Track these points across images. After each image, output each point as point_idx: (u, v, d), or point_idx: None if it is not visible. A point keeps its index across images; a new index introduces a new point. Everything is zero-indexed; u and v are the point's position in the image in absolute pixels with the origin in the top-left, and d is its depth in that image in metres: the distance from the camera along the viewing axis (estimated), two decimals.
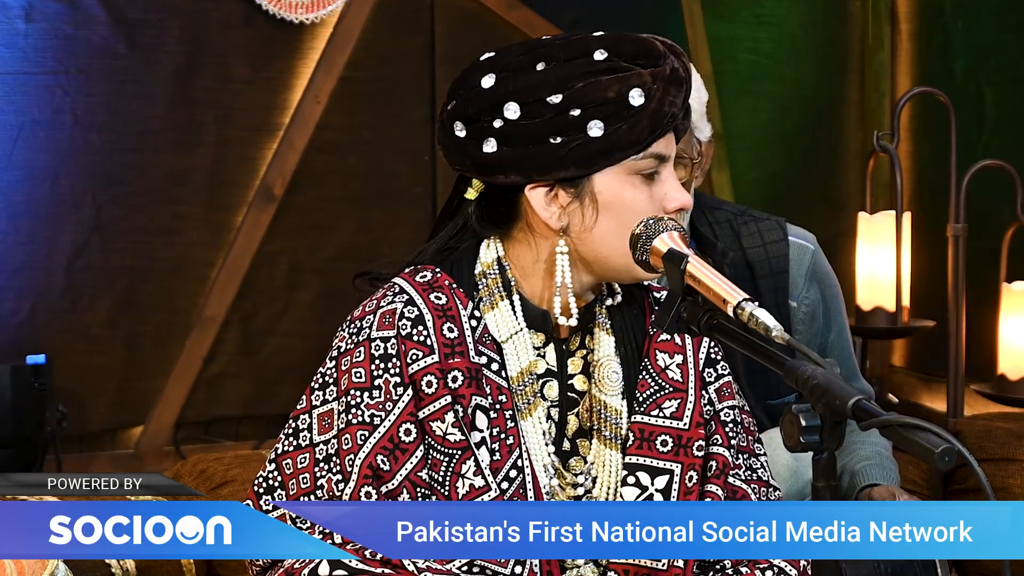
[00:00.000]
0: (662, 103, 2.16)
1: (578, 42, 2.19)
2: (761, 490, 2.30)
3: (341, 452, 2.15)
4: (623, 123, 2.15)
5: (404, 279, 2.23)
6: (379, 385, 2.16)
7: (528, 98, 2.17)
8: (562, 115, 2.16)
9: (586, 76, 2.16)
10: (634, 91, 2.15)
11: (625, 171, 2.17)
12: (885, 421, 1.74)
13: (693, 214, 2.93)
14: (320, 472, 2.17)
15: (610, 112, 2.15)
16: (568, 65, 2.17)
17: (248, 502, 2.22)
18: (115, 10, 4.63)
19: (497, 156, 2.19)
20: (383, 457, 2.13)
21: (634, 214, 2.16)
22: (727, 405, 2.30)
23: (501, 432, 2.19)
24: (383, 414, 2.15)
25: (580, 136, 2.15)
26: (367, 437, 2.14)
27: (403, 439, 2.15)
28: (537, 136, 2.16)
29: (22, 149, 4.56)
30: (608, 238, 2.18)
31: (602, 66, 2.16)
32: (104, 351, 4.71)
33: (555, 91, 2.16)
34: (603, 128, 2.15)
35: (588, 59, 2.17)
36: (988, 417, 3.50)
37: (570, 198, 2.19)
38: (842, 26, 5.56)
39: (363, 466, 2.13)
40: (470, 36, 4.96)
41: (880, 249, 4.73)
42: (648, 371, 2.27)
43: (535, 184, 2.19)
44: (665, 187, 2.19)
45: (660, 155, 2.18)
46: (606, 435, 2.25)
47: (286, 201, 4.89)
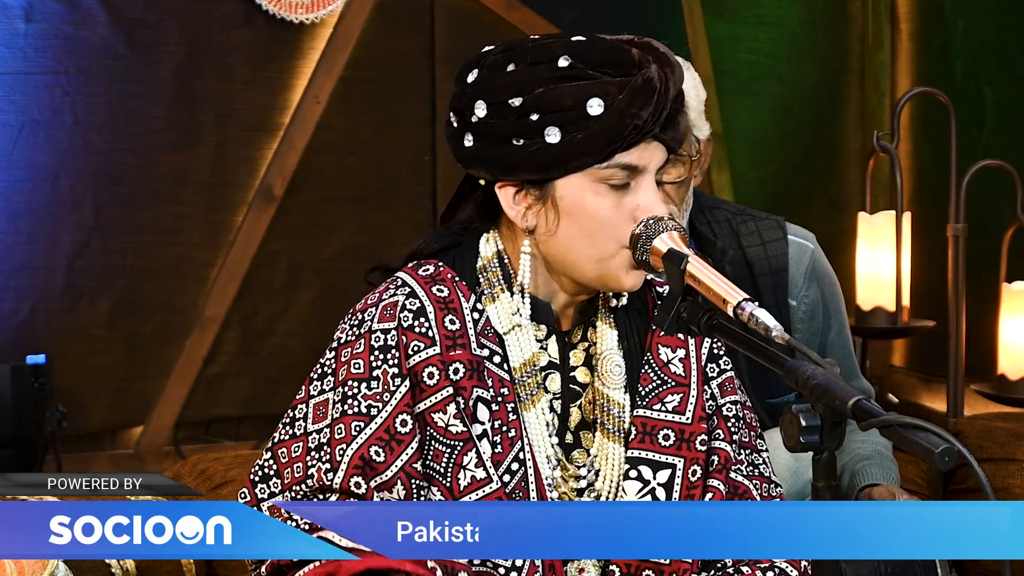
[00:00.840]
0: (624, 114, 2.13)
1: (548, 46, 2.19)
2: (763, 486, 2.30)
3: (333, 441, 2.16)
4: (579, 132, 2.14)
5: (407, 273, 2.25)
6: (377, 376, 2.18)
7: (494, 98, 2.18)
8: (522, 118, 2.16)
9: (547, 82, 2.16)
10: (593, 100, 2.14)
11: (590, 179, 2.17)
12: (885, 421, 1.74)
13: (692, 213, 2.93)
14: (311, 461, 2.18)
15: (567, 119, 2.14)
16: (533, 69, 2.17)
17: (244, 490, 2.23)
18: (115, 10, 4.63)
19: (472, 150, 2.21)
20: (378, 448, 2.14)
21: (597, 223, 2.16)
22: (729, 400, 2.31)
23: (503, 425, 2.20)
24: (380, 405, 2.16)
25: (539, 141, 2.16)
26: (362, 428, 2.15)
27: (399, 430, 2.15)
28: (501, 136, 2.18)
29: (22, 149, 4.56)
30: (573, 243, 2.18)
31: (564, 72, 2.16)
32: (104, 351, 4.71)
33: (517, 94, 2.16)
34: (560, 135, 2.15)
35: (552, 64, 2.16)
36: (988, 417, 3.50)
37: (534, 199, 2.20)
38: (842, 26, 5.56)
39: (355, 456, 2.14)
40: (470, 36, 4.95)
41: (880, 249, 4.73)
42: (651, 365, 2.28)
43: (503, 183, 2.21)
44: (638, 198, 2.17)
45: (630, 166, 2.16)
46: (609, 428, 2.25)
47: (286, 201, 4.90)
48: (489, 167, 2.21)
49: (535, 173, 2.18)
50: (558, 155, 2.15)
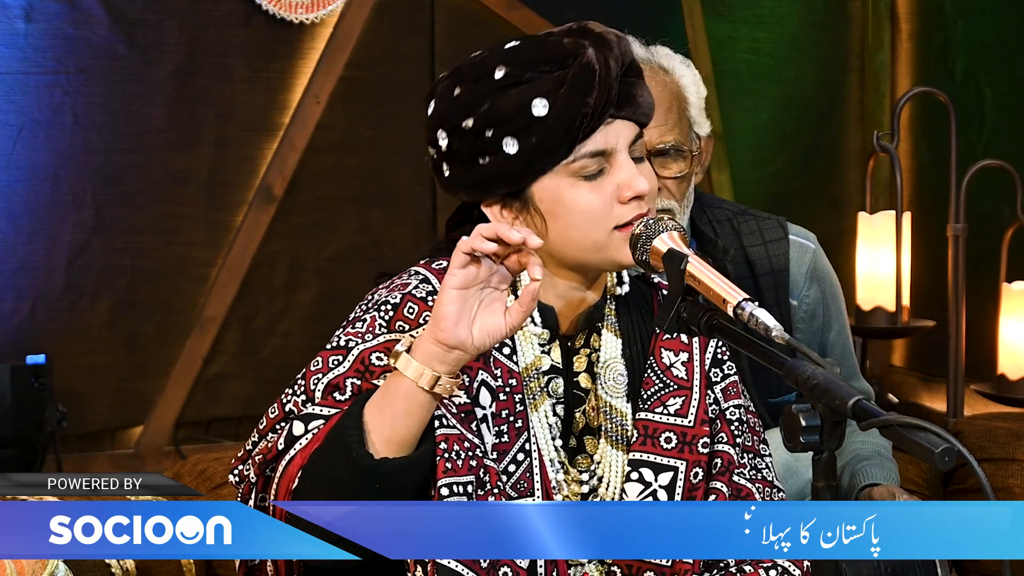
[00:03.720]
0: (569, 106, 2.13)
1: (483, 61, 2.19)
2: (765, 490, 2.30)
3: (307, 374, 2.17)
4: (533, 135, 2.14)
5: (421, 267, 2.26)
6: (364, 319, 2.19)
7: (449, 125, 2.19)
8: (479, 137, 2.16)
9: (489, 96, 2.16)
10: (536, 101, 2.14)
11: (563, 176, 2.17)
12: (885, 421, 1.74)
13: (693, 212, 2.93)
14: (286, 398, 2.19)
15: (519, 127, 2.14)
16: (475, 87, 2.18)
17: (235, 460, 2.23)
18: (115, 10, 4.62)
19: (451, 179, 2.23)
20: (353, 380, 2.14)
21: (582, 215, 2.16)
22: (733, 404, 2.31)
23: (510, 415, 2.20)
24: (359, 341, 2.17)
25: (500, 154, 2.16)
26: (340, 361, 2.16)
27: (374, 363, 2.15)
28: (468, 159, 2.19)
29: (22, 149, 4.56)
30: (567, 240, 2.19)
31: (502, 83, 2.16)
32: (104, 351, 4.71)
33: (467, 115, 2.17)
34: (517, 144, 2.15)
35: (489, 79, 2.17)
36: (988, 417, 3.50)
37: (517, 210, 2.21)
38: (842, 26, 5.56)
39: (329, 385, 2.14)
40: (470, 36, 4.96)
41: (880, 249, 4.73)
42: (653, 369, 2.28)
43: (487, 202, 2.22)
44: (617, 178, 2.17)
45: (597, 151, 2.16)
46: (612, 435, 2.25)
47: (286, 201, 4.90)
48: (468, 190, 2.22)
49: (508, 186, 2.18)
50: (522, 163, 2.16)
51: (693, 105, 2.86)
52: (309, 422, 2.12)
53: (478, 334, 2.02)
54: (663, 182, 2.79)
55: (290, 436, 2.12)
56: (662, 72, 2.84)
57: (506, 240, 1.98)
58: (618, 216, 2.16)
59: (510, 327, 2.03)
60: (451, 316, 2.00)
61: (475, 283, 2.01)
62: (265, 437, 2.19)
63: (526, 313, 2.02)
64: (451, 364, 2.02)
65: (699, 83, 2.87)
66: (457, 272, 2.00)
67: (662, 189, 2.79)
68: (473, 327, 2.02)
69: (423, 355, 2.02)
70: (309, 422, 2.12)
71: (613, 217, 2.16)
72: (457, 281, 2.00)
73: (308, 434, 2.11)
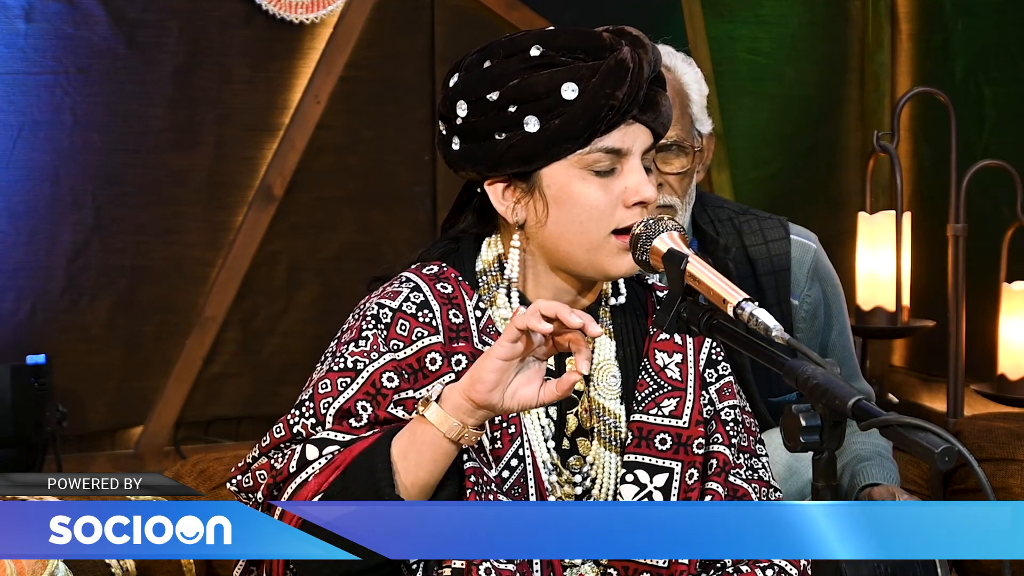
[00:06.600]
0: (598, 96, 2.15)
1: (519, 39, 2.21)
2: (762, 490, 2.30)
3: (316, 396, 2.17)
4: (556, 118, 2.16)
5: (411, 272, 2.26)
6: (367, 336, 2.19)
7: (472, 96, 2.20)
8: (501, 112, 2.17)
9: (521, 72, 2.17)
10: (567, 85, 2.15)
11: (574, 165, 2.18)
12: (885, 421, 1.74)
13: (695, 211, 2.93)
14: (293, 419, 2.18)
15: (544, 107, 2.16)
16: (507, 62, 2.19)
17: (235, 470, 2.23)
18: (115, 10, 4.63)
19: (459, 153, 2.23)
20: (364, 403, 2.15)
21: (586, 209, 2.17)
22: (728, 404, 2.31)
23: (503, 421, 2.20)
24: (367, 361, 2.17)
25: (519, 132, 2.17)
26: (349, 384, 2.16)
27: (385, 384, 2.16)
28: (484, 133, 2.19)
29: (22, 149, 4.56)
30: (563, 233, 2.19)
31: (536, 61, 2.17)
32: (104, 351, 4.71)
33: (493, 88, 2.18)
34: (538, 123, 2.16)
35: (524, 55, 2.18)
36: (988, 417, 3.50)
37: (522, 193, 2.21)
38: (842, 26, 5.56)
39: (340, 409, 2.15)
40: (470, 36, 4.95)
41: (880, 249, 4.74)
42: (647, 370, 2.28)
43: (491, 180, 2.22)
44: (626, 181, 2.18)
45: (613, 149, 2.17)
46: (605, 437, 2.25)
47: (286, 201, 4.90)
48: (476, 165, 2.22)
49: (519, 165, 2.19)
50: (539, 144, 2.16)
51: (695, 102, 2.87)
52: (323, 447, 2.13)
53: (510, 401, 2.03)
54: (665, 178, 2.80)
55: (303, 459, 2.13)
56: (664, 69, 2.84)
57: (564, 322, 1.98)
58: (619, 219, 2.17)
59: (541, 402, 2.04)
60: (489, 383, 2.01)
61: (520, 356, 2.02)
62: (268, 455, 2.19)
63: (560, 397, 2.04)
64: (478, 419, 2.04)
65: (701, 81, 2.88)
66: (506, 344, 2.00)
67: (664, 185, 2.80)
68: (506, 392, 2.03)
69: (452, 407, 2.04)
70: (323, 447, 2.13)
71: (614, 219, 2.17)
72: (504, 352, 2.01)
73: (322, 459, 2.12)
